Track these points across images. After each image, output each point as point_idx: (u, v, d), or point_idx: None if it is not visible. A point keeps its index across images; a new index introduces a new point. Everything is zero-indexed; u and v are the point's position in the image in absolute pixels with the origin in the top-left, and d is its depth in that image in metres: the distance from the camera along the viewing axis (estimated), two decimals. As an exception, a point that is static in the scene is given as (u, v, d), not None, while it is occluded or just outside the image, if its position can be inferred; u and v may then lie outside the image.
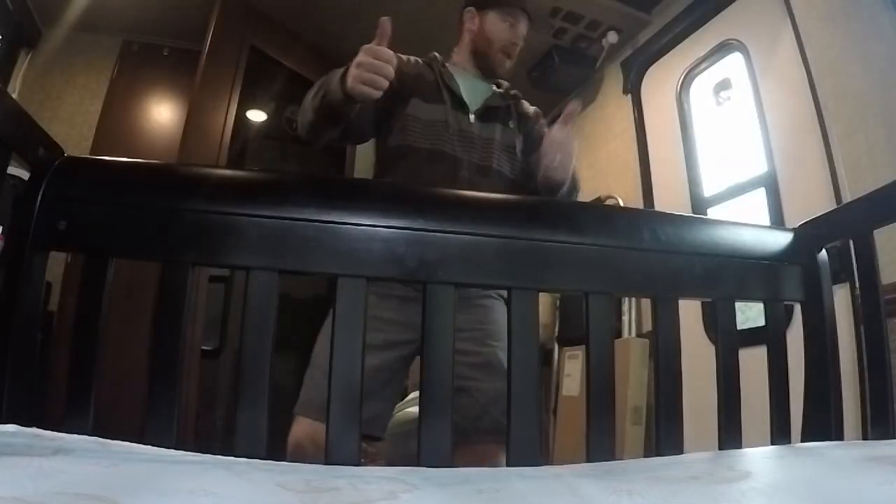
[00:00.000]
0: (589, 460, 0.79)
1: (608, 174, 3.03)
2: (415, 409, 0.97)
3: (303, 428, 1.18)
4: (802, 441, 0.93)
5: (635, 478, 0.64)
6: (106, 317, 0.74)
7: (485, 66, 1.45)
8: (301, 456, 1.08)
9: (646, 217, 1.12)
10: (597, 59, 3.03)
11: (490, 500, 0.55)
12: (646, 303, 2.41)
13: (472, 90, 1.41)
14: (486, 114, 1.39)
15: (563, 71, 3.03)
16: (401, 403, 3.43)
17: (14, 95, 2.33)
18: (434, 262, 0.81)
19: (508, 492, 0.59)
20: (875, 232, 0.93)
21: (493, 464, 1.03)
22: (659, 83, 2.78)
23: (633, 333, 2.56)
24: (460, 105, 1.37)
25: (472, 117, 1.37)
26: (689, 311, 1.96)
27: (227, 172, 1.02)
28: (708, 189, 2.47)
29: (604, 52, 2.95)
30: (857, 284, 0.96)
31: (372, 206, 0.82)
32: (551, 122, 1.33)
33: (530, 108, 1.50)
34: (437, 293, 0.81)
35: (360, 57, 1.05)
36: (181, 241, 0.77)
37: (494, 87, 1.46)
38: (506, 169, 1.37)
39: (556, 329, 3.08)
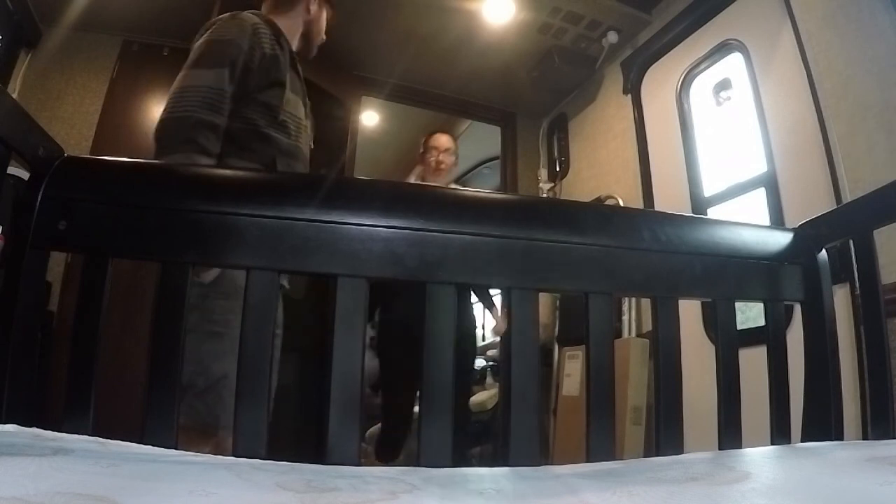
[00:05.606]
0: (589, 460, 0.79)
1: (608, 174, 3.03)
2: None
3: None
4: (802, 441, 0.93)
5: (635, 478, 0.64)
6: (106, 317, 0.74)
7: (305, 51, 1.50)
8: None
9: (646, 217, 1.12)
10: (597, 59, 3.03)
11: (490, 501, 0.55)
12: (646, 303, 2.41)
13: None
14: None
15: (563, 71, 3.03)
16: (401, 403, 3.44)
17: (14, 95, 2.32)
18: (434, 262, 0.81)
19: (508, 492, 0.59)
20: (875, 232, 0.93)
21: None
22: (659, 83, 2.77)
23: (633, 333, 2.56)
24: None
25: None
26: (689, 311, 1.96)
27: (227, 172, 1.02)
28: (708, 189, 2.47)
29: (604, 52, 2.95)
30: (857, 284, 0.96)
31: (372, 206, 0.81)
32: None
33: None
34: (437, 293, 0.81)
35: None
36: (181, 241, 0.77)
37: None
38: None
39: (556, 329, 3.08)
